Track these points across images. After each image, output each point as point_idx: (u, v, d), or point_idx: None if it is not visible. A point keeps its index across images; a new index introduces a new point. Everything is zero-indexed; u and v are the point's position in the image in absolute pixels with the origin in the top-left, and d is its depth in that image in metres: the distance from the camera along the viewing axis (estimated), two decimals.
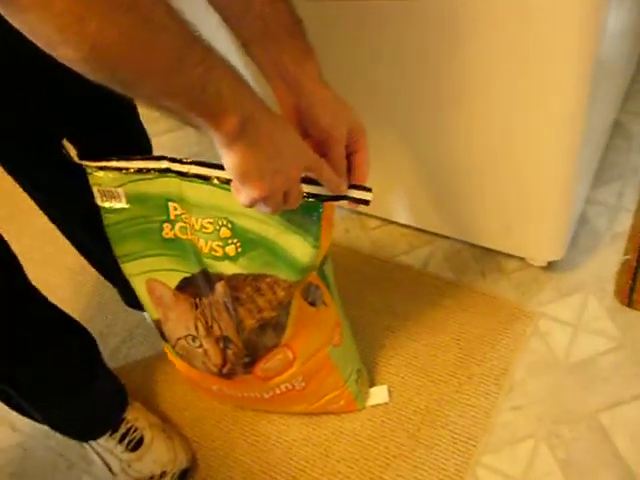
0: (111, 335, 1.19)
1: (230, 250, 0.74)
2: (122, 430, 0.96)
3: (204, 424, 1.03)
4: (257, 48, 0.65)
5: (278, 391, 0.90)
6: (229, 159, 0.52)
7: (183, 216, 0.76)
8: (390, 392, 1.01)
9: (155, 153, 1.55)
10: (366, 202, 0.68)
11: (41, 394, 0.88)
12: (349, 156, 0.70)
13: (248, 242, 0.73)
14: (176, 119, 0.49)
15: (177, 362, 0.90)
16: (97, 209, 0.79)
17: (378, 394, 1.00)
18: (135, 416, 0.98)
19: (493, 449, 0.93)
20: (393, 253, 1.21)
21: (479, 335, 1.05)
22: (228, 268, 0.75)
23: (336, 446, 0.97)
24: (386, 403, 1.00)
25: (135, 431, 0.96)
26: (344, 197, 0.68)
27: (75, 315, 0.92)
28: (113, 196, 0.78)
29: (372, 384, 1.02)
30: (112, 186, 0.77)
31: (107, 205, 0.79)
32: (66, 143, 0.85)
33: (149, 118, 1.61)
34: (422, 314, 1.10)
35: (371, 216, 1.27)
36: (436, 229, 1.17)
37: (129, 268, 0.83)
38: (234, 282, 0.76)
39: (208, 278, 0.78)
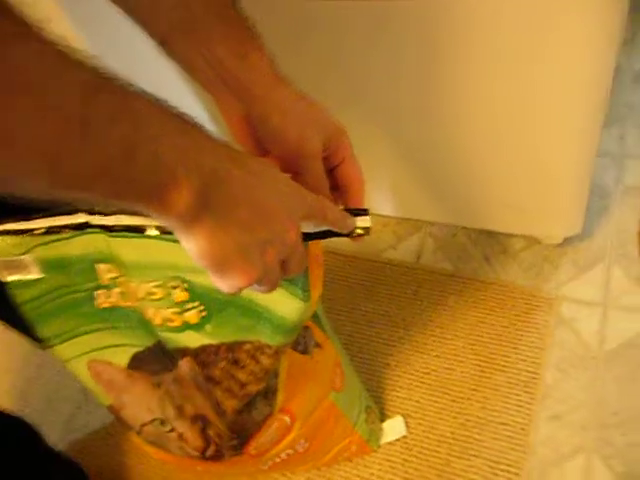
0: (62, 401, 0.99)
1: (191, 317, 0.55)
2: None
3: None
4: (180, 44, 0.46)
5: (278, 460, 0.73)
6: (192, 246, 0.35)
7: (120, 279, 0.57)
8: (406, 422, 0.85)
9: None
10: (367, 231, 0.50)
11: None
12: (332, 170, 0.52)
13: (214, 303, 0.55)
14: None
15: (147, 448, 0.72)
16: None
17: (393, 428, 0.85)
18: None
19: (540, 475, 0.78)
20: (379, 248, 1.04)
21: (496, 335, 0.90)
22: (192, 340, 0.57)
23: None
24: (404, 437, 0.84)
25: None
26: (335, 234, 0.50)
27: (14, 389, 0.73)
28: (19, 266, 0.58)
29: (384, 417, 0.86)
30: (15, 254, 0.57)
31: (15, 279, 0.59)
32: None
33: None
34: (425, 318, 0.93)
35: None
36: (423, 215, 1.00)
37: (61, 352, 0.63)
38: (203, 357, 0.57)
39: (167, 354, 0.59)
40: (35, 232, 0.55)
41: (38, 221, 0.55)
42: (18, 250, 0.57)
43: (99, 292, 0.59)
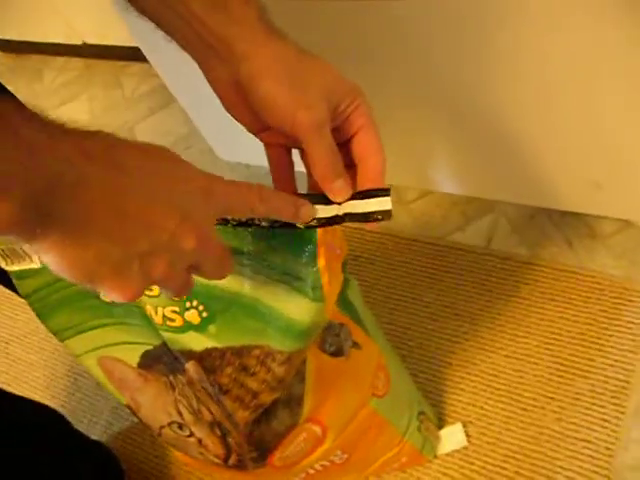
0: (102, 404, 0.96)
1: (192, 317, 0.48)
2: None
3: None
4: (149, 0, 0.38)
5: (312, 471, 0.65)
6: (45, 260, 0.28)
7: None
8: (468, 431, 0.75)
9: (138, 139, 1.29)
10: (387, 214, 0.41)
11: None
12: (346, 143, 0.43)
13: (217, 302, 0.47)
14: None
15: (172, 450, 0.67)
16: None
17: (452, 437, 0.74)
18: None
19: None
20: (444, 231, 0.92)
21: (578, 334, 0.77)
22: (196, 342, 0.49)
23: None
24: (464, 448, 0.74)
25: None
26: (349, 216, 0.41)
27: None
28: (20, 255, 0.53)
29: (442, 424, 0.76)
30: (15, 243, 0.52)
31: (17, 269, 0.54)
32: None
33: (124, 104, 1.32)
34: (495, 312, 0.82)
35: (406, 187, 0.98)
36: (496, 194, 0.87)
37: (72, 346, 0.58)
38: (208, 361, 0.50)
39: (174, 356, 0.53)
40: None
41: None
42: None
43: None
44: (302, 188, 0.45)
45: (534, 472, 0.69)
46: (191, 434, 0.59)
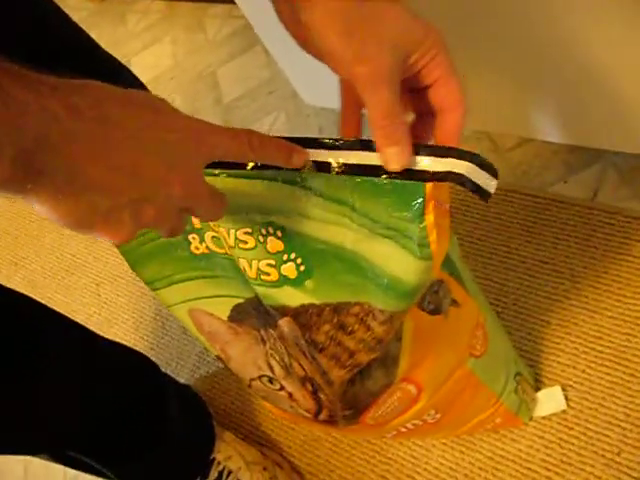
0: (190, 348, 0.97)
1: (289, 270, 0.46)
2: (213, 476, 0.75)
3: (317, 449, 0.79)
4: None
5: (404, 429, 0.63)
6: (39, 210, 0.29)
7: (211, 223, 0.49)
8: (567, 395, 0.70)
9: (219, 85, 1.27)
10: (486, 195, 0.37)
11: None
12: (425, 89, 0.40)
13: (315, 256, 0.45)
14: None
15: (262, 402, 0.66)
16: None
17: (550, 399, 0.70)
18: (227, 454, 0.76)
19: None
20: (545, 181, 0.86)
21: None
22: (292, 297, 0.47)
23: (495, 478, 0.70)
24: (563, 411, 0.70)
25: (229, 475, 0.75)
26: (458, 177, 0.37)
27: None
28: None
29: (540, 386, 0.72)
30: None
31: None
32: None
33: (207, 47, 1.30)
34: (600, 270, 0.76)
35: (503, 134, 0.92)
36: (604, 142, 0.80)
37: (163, 297, 0.58)
38: (304, 318, 0.48)
39: (266, 311, 0.51)
40: None
41: None
42: None
43: (192, 236, 0.52)
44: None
45: None
46: (282, 388, 0.59)
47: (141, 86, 0.75)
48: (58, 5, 0.64)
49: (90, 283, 1.15)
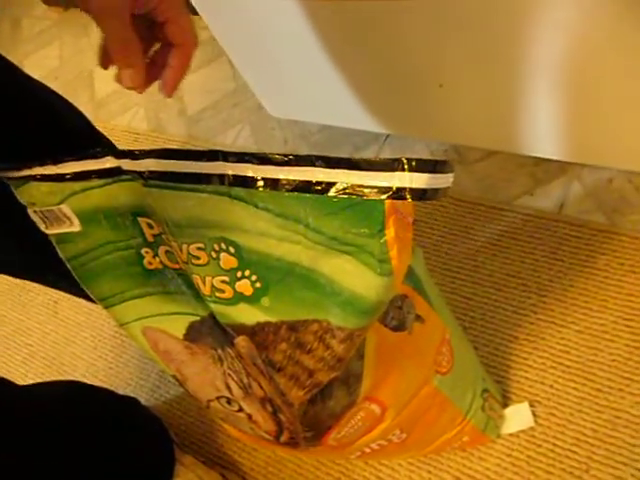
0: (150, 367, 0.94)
1: (244, 287, 0.44)
2: None
3: (281, 471, 0.77)
4: None
5: (368, 450, 0.61)
6: None
7: (164, 237, 0.47)
8: (535, 411, 0.69)
9: (183, 96, 1.25)
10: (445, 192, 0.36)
11: None
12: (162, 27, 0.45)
13: (271, 272, 0.43)
14: None
15: (222, 423, 0.63)
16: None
17: (517, 416, 0.69)
18: (187, 478, 0.73)
19: None
20: (511, 194, 0.85)
21: None
22: (248, 315, 0.45)
23: None
24: (531, 428, 0.69)
25: None
26: (422, 192, 0.34)
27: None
28: (58, 218, 0.50)
29: (507, 402, 0.71)
30: (51, 204, 0.49)
31: (56, 232, 0.51)
32: None
33: None
34: (566, 284, 0.75)
35: (469, 147, 0.91)
36: (570, 155, 0.80)
37: (116, 314, 0.55)
38: (261, 337, 0.46)
39: (222, 329, 0.48)
40: (65, 177, 0.46)
41: (66, 165, 0.46)
42: (53, 199, 0.49)
43: (145, 250, 0.49)
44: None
45: (609, 459, 0.64)
46: (240, 409, 0.56)
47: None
48: None
49: (47, 301, 1.10)
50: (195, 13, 0.97)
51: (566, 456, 0.66)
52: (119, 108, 1.35)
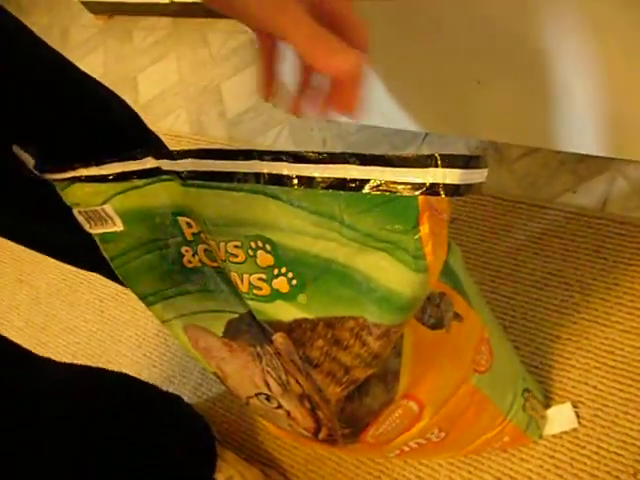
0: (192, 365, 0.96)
1: (281, 285, 0.44)
2: None
3: (321, 469, 0.77)
4: None
5: (407, 448, 0.61)
6: None
7: (202, 235, 0.48)
8: (578, 412, 0.68)
9: (224, 99, 1.27)
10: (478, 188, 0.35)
11: None
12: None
13: (307, 270, 0.43)
14: None
15: (262, 420, 0.64)
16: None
17: (560, 417, 0.68)
18: (229, 474, 0.74)
19: None
20: (553, 192, 0.84)
21: None
22: (285, 312, 0.46)
23: None
24: (575, 429, 0.67)
25: None
26: (454, 187, 0.34)
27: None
28: (102, 218, 0.51)
29: (549, 403, 0.70)
30: (95, 204, 0.50)
31: (100, 232, 0.52)
32: (18, 151, 0.57)
33: (211, 62, 1.32)
34: (610, 282, 0.73)
35: (509, 144, 0.90)
36: (613, 151, 0.78)
37: (157, 312, 0.56)
38: (298, 333, 0.46)
39: (260, 327, 0.49)
40: (108, 178, 0.47)
41: (109, 166, 0.47)
42: (97, 199, 0.50)
43: (185, 248, 0.50)
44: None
45: None
46: (279, 406, 0.57)
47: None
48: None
49: (94, 300, 1.14)
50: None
51: (611, 459, 0.64)
52: (162, 111, 1.38)
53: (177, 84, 1.40)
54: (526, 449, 0.68)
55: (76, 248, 0.63)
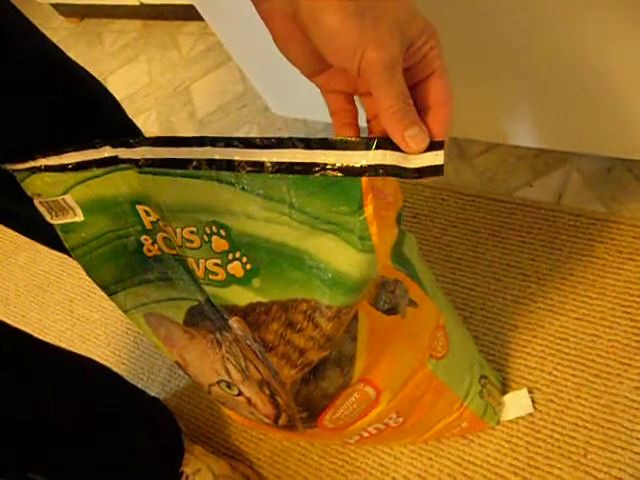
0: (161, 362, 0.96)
1: (235, 269, 0.46)
2: None
3: (286, 460, 0.78)
4: None
5: (366, 434, 0.62)
6: None
7: (161, 223, 0.49)
8: (534, 397, 0.70)
9: (193, 100, 1.28)
10: (437, 170, 0.36)
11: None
12: (415, 86, 0.38)
13: (260, 254, 0.45)
14: None
15: (224, 409, 0.65)
16: None
17: (516, 403, 0.70)
18: (196, 467, 0.75)
19: None
20: (511, 186, 0.86)
21: None
22: (240, 296, 0.47)
23: None
24: (530, 415, 0.69)
25: None
26: (390, 168, 0.36)
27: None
28: (62, 208, 0.52)
29: (506, 389, 0.72)
30: (55, 194, 0.51)
31: (61, 222, 0.53)
32: None
33: (181, 64, 1.32)
34: (565, 272, 0.76)
35: (470, 141, 0.92)
36: (568, 145, 0.80)
37: (119, 301, 0.57)
38: (253, 317, 0.48)
39: (219, 313, 0.50)
40: (67, 168, 0.48)
41: (67, 155, 0.48)
42: (57, 190, 0.51)
43: (144, 237, 0.51)
44: None
45: (607, 443, 0.64)
46: (240, 393, 0.58)
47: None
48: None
49: (63, 300, 1.14)
50: (201, 19, 1.00)
51: (564, 441, 0.66)
52: (132, 112, 1.37)
53: (147, 86, 1.41)
54: (484, 435, 0.70)
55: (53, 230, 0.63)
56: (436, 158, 0.36)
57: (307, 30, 0.35)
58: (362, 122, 0.43)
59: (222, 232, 0.44)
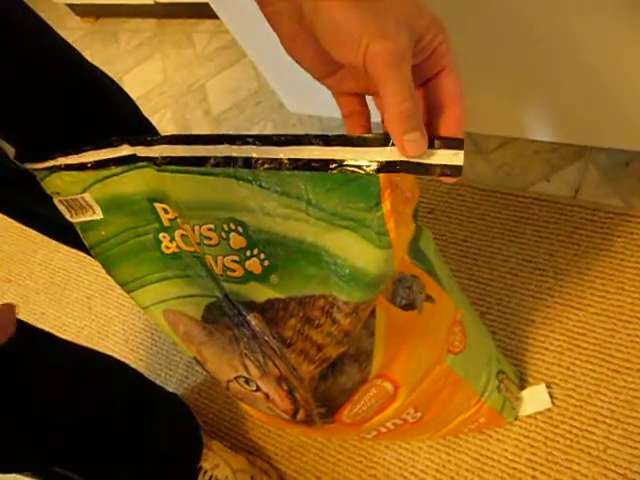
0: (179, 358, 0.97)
1: (253, 266, 0.46)
2: None
3: (304, 455, 0.79)
4: None
5: (384, 429, 0.63)
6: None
7: (179, 221, 0.49)
8: (552, 393, 0.70)
9: (208, 97, 1.28)
10: (456, 170, 0.36)
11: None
12: (425, 84, 0.37)
13: (278, 250, 0.45)
14: None
15: (242, 405, 0.66)
16: None
17: (534, 398, 0.70)
18: (214, 462, 0.75)
19: None
20: (527, 181, 0.86)
21: None
22: (258, 293, 0.47)
23: (482, 479, 0.69)
24: (548, 410, 0.69)
25: None
26: (407, 165, 0.36)
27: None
28: (82, 206, 0.53)
29: (524, 384, 0.71)
30: (75, 192, 0.52)
31: (80, 220, 0.54)
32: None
33: (195, 62, 1.33)
34: (583, 267, 0.75)
35: (486, 136, 0.92)
36: (585, 139, 0.80)
37: (138, 298, 0.58)
38: (270, 313, 0.48)
39: (235, 308, 0.51)
40: (87, 166, 0.49)
41: (87, 154, 0.49)
42: (77, 188, 0.51)
43: (162, 235, 0.52)
44: None
45: (627, 438, 0.64)
46: (258, 389, 0.58)
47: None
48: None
49: (82, 297, 1.15)
50: (216, 17, 1.00)
51: (583, 437, 0.66)
52: (148, 111, 1.38)
53: (162, 84, 1.42)
54: (502, 430, 0.70)
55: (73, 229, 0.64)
56: (455, 158, 0.36)
57: (312, 29, 0.35)
58: (375, 118, 0.43)
59: (240, 229, 0.44)
